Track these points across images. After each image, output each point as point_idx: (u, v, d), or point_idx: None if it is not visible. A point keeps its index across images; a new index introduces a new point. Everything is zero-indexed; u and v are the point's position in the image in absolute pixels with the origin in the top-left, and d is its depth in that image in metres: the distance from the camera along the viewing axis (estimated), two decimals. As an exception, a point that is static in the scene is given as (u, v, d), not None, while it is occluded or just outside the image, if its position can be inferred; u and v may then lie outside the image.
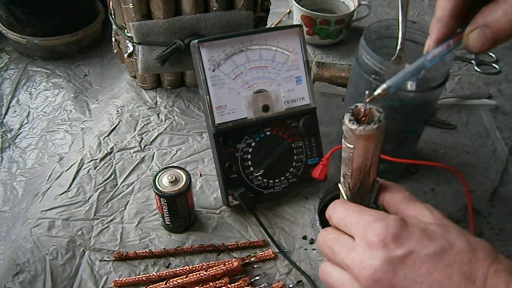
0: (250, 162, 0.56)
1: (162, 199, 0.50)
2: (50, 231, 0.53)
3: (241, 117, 0.55)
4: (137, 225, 0.55)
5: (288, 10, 0.94)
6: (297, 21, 0.83)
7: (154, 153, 0.64)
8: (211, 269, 0.50)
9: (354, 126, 0.32)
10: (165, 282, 0.49)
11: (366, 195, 0.37)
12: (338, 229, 0.36)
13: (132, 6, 0.61)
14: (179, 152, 0.64)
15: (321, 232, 0.38)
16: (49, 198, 0.58)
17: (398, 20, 0.48)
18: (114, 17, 0.67)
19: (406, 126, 0.54)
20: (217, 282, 0.49)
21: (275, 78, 0.56)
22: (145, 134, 0.66)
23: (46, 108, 0.72)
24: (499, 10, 0.30)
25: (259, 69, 0.55)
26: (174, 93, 0.73)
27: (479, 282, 0.29)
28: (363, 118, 0.33)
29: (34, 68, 0.78)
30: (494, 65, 0.84)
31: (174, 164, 0.62)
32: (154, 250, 0.52)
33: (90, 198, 0.57)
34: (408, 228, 0.32)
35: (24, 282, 0.49)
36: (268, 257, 0.52)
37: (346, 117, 0.33)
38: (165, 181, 0.50)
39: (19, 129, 0.68)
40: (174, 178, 0.50)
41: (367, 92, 0.33)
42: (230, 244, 0.53)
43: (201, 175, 0.61)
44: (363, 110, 0.33)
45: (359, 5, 0.84)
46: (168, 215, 0.52)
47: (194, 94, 0.73)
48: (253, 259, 0.52)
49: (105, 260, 0.51)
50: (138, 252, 0.52)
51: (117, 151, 0.63)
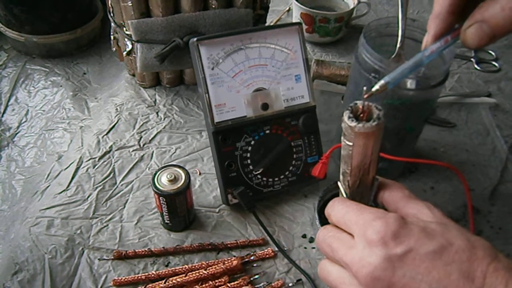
0: (249, 161, 0.56)
1: (161, 198, 0.50)
2: (49, 230, 0.53)
3: (240, 115, 0.55)
4: (136, 223, 0.55)
5: (287, 8, 0.94)
6: (296, 19, 0.83)
7: (153, 151, 0.64)
8: (211, 267, 0.50)
9: (353, 124, 0.32)
10: (164, 281, 0.49)
11: (366, 193, 0.37)
12: (338, 227, 0.36)
13: (130, 4, 0.61)
14: (178, 150, 0.64)
15: (320, 230, 0.37)
16: (48, 196, 0.57)
17: (398, 18, 0.48)
18: (112, 15, 0.67)
19: (406, 124, 0.54)
20: (216, 281, 0.49)
21: (275, 76, 0.56)
22: (144, 132, 0.66)
23: (44, 106, 0.71)
24: (497, 5, 0.30)
25: (259, 67, 0.55)
26: (173, 91, 0.73)
27: (478, 280, 0.29)
28: (362, 115, 0.33)
29: (32, 66, 0.78)
30: (494, 63, 0.84)
31: (173, 162, 0.62)
32: (153, 249, 0.52)
33: (89, 197, 0.57)
34: (407, 226, 0.32)
35: (23, 281, 0.49)
36: (267, 255, 0.52)
37: (345, 114, 0.33)
38: (164, 179, 0.50)
39: (18, 127, 0.68)
40: (173, 176, 0.50)
41: (365, 88, 0.33)
42: (229, 242, 0.53)
43: (200, 174, 0.61)
44: (362, 107, 0.33)
45: (359, 3, 0.84)
46: (167, 214, 0.52)
47: (193, 92, 0.73)
48: (252, 258, 0.52)
49: (104, 259, 0.51)
50: (137, 251, 0.52)
51: (116, 150, 0.63)
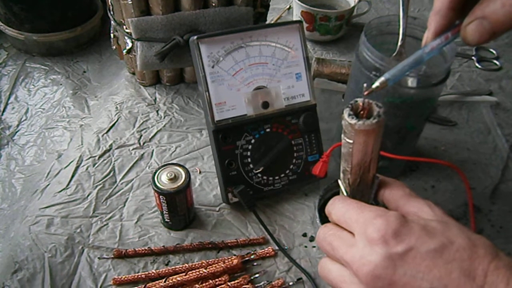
0: (249, 159, 0.56)
1: (161, 197, 0.50)
2: (48, 229, 0.53)
3: (240, 114, 0.54)
4: (136, 222, 0.55)
5: (288, 6, 0.93)
6: (297, 17, 0.83)
7: (153, 150, 0.64)
8: (211, 266, 0.49)
9: (353, 121, 0.32)
10: (164, 279, 0.49)
11: (366, 191, 0.37)
12: (338, 225, 0.36)
13: (130, 2, 0.61)
14: (179, 149, 0.64)
15: (320, 228, 0.37)
16: (47, 195, 0.57)
17: (399, 16, 0.48)
18: (112, 13, 0.67)
19: (407, 122, 0.54)
20: (216, 279, 0.49)
21: (275, 74, 0.56)
22: (144, 131, 0.66)
23: (44, 104, 0.71)
24: (497, 2, 0.30)
25: (259, 65, 0.55)
26: (173, 89, 0.73)
27: (479, 279, 0.29)
28: (362, 113, 0.33)
29: (32, 64, 0.78)
30: (495, 61, 0.84)
31: (173, 161, 0.62)
32: (153, 248, 0.52)
33: (89, 196, 0.57)
34: (408, 224, 0.32)
35: (22, 280, 0.49)
36: (268, 254, 0.52)
37: (346, 111, 0.33)
38: (164, 178, 0.50)
39: (18, 126, 0.68)
40: (173, 175, 0.50)
41: (365, 85, 0.33)
42: (229, 241, 0.53)
43: (200, 172, 0.61)
44: (362, 104, 0.33)
45: (359, 1, 0.84)
46: (167, 213, 0.52)
47: (194, 90, 0.73)
48: (252, 257, 0.51)
49: (104, 257, 0.51)
50: (137, 249, 0.52)
51: (116, 148, 0.63)
